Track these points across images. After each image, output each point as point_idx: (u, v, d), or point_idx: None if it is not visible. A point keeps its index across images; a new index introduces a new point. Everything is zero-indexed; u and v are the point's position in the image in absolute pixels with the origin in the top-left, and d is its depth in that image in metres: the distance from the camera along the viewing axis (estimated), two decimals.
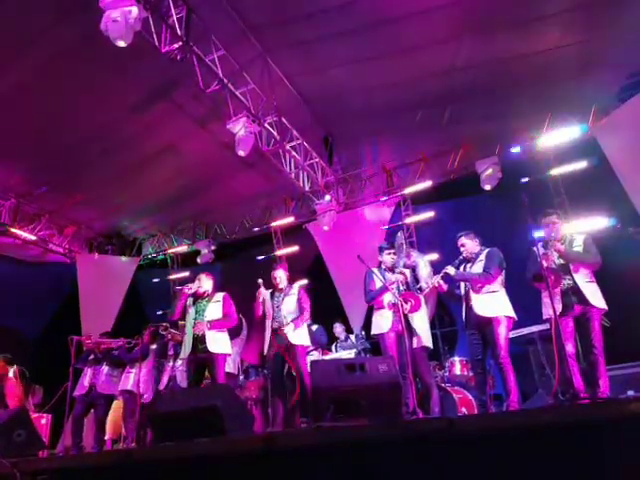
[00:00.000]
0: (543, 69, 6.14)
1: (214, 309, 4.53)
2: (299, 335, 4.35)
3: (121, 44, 4.30)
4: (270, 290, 4.57)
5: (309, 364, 3.73)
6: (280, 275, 4.63)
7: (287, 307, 4.45)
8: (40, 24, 5.10)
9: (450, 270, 3.95)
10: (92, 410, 5.68)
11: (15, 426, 3.78)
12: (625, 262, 5.26)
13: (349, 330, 7.08)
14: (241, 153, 6.05)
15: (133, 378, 5.52)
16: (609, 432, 1.92)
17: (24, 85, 5.77)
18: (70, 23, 5.09)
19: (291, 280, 4.71)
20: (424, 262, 4.52)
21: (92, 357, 5.70)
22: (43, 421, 6.61)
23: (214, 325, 4.41)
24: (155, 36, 4.95)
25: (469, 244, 4.06)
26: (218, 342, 4.41)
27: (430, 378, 4.13)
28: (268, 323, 4.44)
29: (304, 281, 5.17)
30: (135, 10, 4.31)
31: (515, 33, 5.65)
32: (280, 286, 4.57)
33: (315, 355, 5.96)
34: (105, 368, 5.62)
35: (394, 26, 5.56)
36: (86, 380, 5.55)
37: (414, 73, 6.34)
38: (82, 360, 5.62)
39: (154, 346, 5.71)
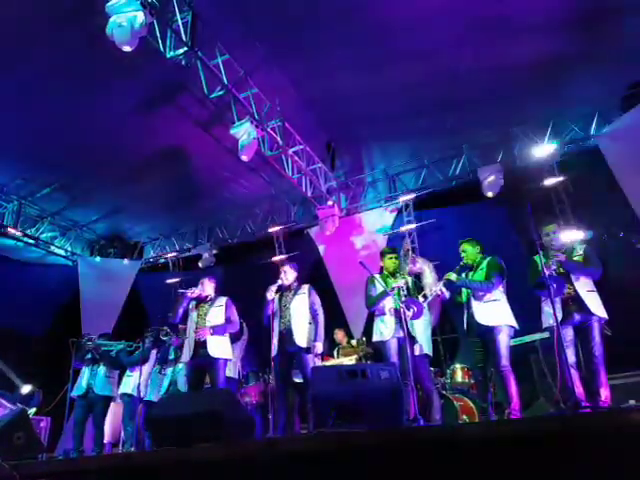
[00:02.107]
0: (546, 77, 6.17)
1: (216, 313, 4.52)
2: (309, 337, 4.22)
3: (126, 49, 4.33)
4: (278, 293, 4.42)
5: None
6: (287, 270, 4.49)
7: (297, 306, 4.32)
8: (44, 25, 5.12)
9: (452, 276, 3.95)
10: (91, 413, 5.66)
11: (15, 429, 3.78)
12: (627, 271, 5.26)
13: (350, 336, 7.07)
14: (244, 158, 6.08)
15: (134, 381, 5.51)
16: (610, 442, 1.92)
17: (27, 86, 5.79)
18: (75, 25, 5.11)
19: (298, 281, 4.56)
20: (430, 269, 4.51)
21: (90, 357, 5.70)
22: (42, 424, 6.60)
23: (216, 330, 4.41)
24: (160, 41, 4.99)
25: (470, 250, 4.06)
26: (219, 347, 4.40)
27: (431, 385, 4.12)
28: (275, 324, 4.33)
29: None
30: (141, 15, 4.35)
31: (518, 41, 5.67)
32: (286, 282, 4.45)
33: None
34: (102, 369, 5.61)
35: (397, 32, 5.59)
36: (84, 380, 5.54)
37: (417, 79, 6.36)
38: (79, 359, 5.61)
39: (155, 350, 5.72)
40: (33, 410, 6.43)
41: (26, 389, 7.08)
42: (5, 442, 3.63)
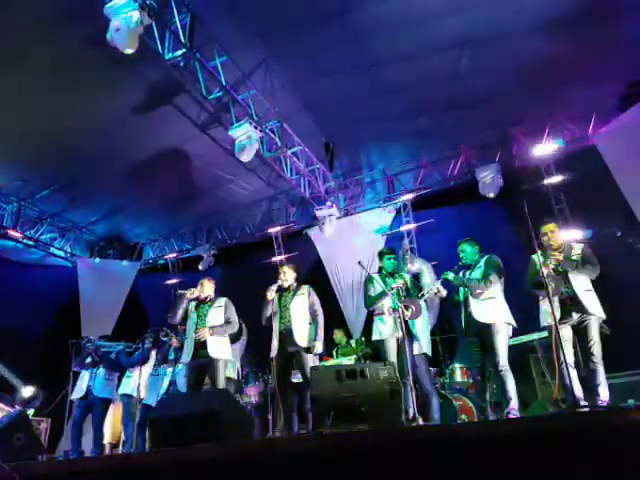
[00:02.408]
0: (544, 77, 6.18)
1: (216, 314, 4.53)
2: (309, 337, 4.22)
3: (129, 51, 4.33)
4: (277, 292, 4.43)
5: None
6: (286, 270, 4.50)
7: (297, 307, 4.32)
8: (44, 25, 5.12)
9: (449, 275, 3.97)
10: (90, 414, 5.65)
11: (15, 430, 3.78)
12: (625, 270, 5.27)
13: (349, 336, 7.08)
14: (244, 159, 6.08)
15: (133, 382, 5.52)
16: (609, 441, 1.93)
17: (27, 87, 5.78)
18: (73, 25, 5.12)
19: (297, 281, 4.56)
20: (428, 269, 4.53)
21: (89, 360, 5.69)
22: (42, 425, 6.60)
23: (216, 331, 4.41)
24: (159, 42, 4.99)
25: (469, 250, 4.07)
26: (219, 347, 4.40)
27: (430, 385, 4.12)
28: (275, 324, 4.33)
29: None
30: (136, 15, 4.33)
31: (516, 42, 5.68)
32: (285, 283, 4.46)
33: None
34: (101, 371, 5.60)
35: (396, 33, 5.61)
36: (83, 383, 5.53)
37: (415, 79, 6.38)
38: (79, 362, 5.61)
39: (155, 351, 5.72)
40: (32, 411, 6.43)
41: (28, 391, 7.08)
42: (5, 443, 3.64)
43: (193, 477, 2.48)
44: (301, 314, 4.30)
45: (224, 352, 4.45)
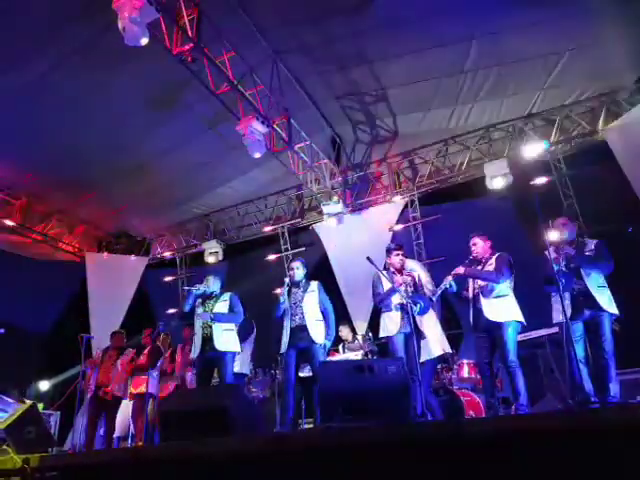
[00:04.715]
0: (552, 72, 6.13)
1: (221, 308, 4.55)
2: (322, 334, 4.28)
3: (144, 42, 4.32)
4: (287, 287, 4.43)
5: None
6: (298, 266, 4.50)
7: (308, 304, 4.33)
8: (50, 23, 5.13)
9: (460, 270, 3.94)
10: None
11: (26, 423, 3.83)
12: (637, 267, 5.21)
13: (354, 332, 7.07)
14: (256, 155, 6.07)
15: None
16: (619, 437, 1.91)
17: (34, 84, 5.81)
18: (79, 22, 5.13)
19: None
20: (421, 267, 4.52)
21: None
22: (52, 418, 6.67)
23: (218, 317, 4.42)
24: (166, 37, 4.98)
25: (480, 244, 4.04)
26: (226, 340, 4.42)
27: (428, 387, 4.10)
28: (286, 320, 4.34)
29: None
30: (137, 3, 4.28)
31: (524, 36, 5.62)
32: (296, 278, 4.47)
33: None
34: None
35: (403, 28, 5.57)
36: (92, 381, 5.57)
37: (422, 74, 6.35)
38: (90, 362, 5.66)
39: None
40: (41, 405, 6.50)
41: (44, 385, 7.18)
42: (16, 436, 3.68)
43: (201, 471, 2.50)
44: (313, 311, 4.32)
45: (231, 345, 4.47)
